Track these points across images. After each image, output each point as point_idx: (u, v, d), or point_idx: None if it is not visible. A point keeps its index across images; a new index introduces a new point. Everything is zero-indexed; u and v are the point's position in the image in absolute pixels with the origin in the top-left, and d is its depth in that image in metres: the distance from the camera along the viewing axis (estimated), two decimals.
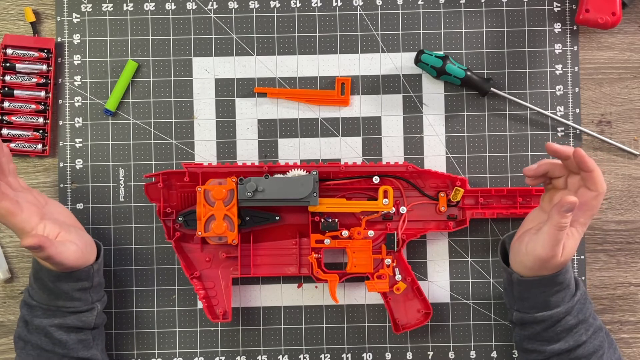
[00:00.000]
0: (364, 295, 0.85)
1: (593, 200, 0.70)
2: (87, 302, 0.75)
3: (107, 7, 0.85)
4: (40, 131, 0.84)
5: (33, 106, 0.84)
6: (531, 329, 0.74)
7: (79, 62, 0.85)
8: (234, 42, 0.86)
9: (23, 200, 0.71)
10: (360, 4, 0.86)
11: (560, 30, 0.86)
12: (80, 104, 0.85)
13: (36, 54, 0.84)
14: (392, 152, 0.85)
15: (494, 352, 0.84)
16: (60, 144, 0.85)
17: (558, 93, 0.85)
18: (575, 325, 0.73)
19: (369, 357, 0.85)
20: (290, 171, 0.79)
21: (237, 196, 0.78)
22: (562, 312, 0.72)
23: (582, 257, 0.85)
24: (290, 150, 0.85)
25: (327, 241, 0.80)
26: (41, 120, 0.84)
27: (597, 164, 0.66)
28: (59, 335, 0.73)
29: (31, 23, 0.84)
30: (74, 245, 0.72)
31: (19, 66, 0.83)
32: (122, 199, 0.85)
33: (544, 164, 0.73)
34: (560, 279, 0.72)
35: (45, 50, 0.84)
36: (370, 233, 0.81)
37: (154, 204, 0.83)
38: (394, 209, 0.81)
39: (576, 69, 0.85)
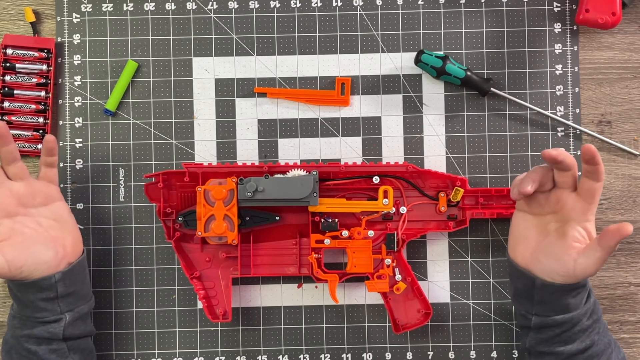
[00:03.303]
0: (364, 295, 0.85)
1: (599, 189, 0.70)
2: (55, 313, 0.73)
3: (107, 7, 0.85)
4: (40, 131, 0.84)
5: (33, 106, 0.84)
6: (550, 332, 0.73)
7: (79, 62, 0.85)
8: (234, 42, 0.86)
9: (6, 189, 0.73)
10: (360, 4, 0.86)
11: (560, 30, 0.86)
12: (80, 104, 0.85)
13: (36, 54, 0.84)
14: (392, 152, 0.85)
15: (494, 352, 0.84)
16: (60, 144, 0.85)
17: (558, 93, 0.85)
18: (591, 324, 0.73)
19: (369, 357, 0.85)
20: (290, 171, 0.79)
21: (237, 196, 0.78)
22: (581, 313, 0.72)
23: None
24: (290, 150, 0.85)
25: (327, 241, 0.80)
26: (41, 120, 0.84)
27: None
28: (29, 346, 0.72)
29: (31, 23, 0.84)
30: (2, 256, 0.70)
31: (19, 66, 0.83)
32: (122, 199, 0.85)
33: (536, 180, 0.70)
34: (583, 281, 0.72)
35: (45, 50, 0.84)
36: (370, 233, 0.81)
37: (154, 204, 0.83)
38: (394, 209, 0.81)
39: (576, 69, 0.85)
